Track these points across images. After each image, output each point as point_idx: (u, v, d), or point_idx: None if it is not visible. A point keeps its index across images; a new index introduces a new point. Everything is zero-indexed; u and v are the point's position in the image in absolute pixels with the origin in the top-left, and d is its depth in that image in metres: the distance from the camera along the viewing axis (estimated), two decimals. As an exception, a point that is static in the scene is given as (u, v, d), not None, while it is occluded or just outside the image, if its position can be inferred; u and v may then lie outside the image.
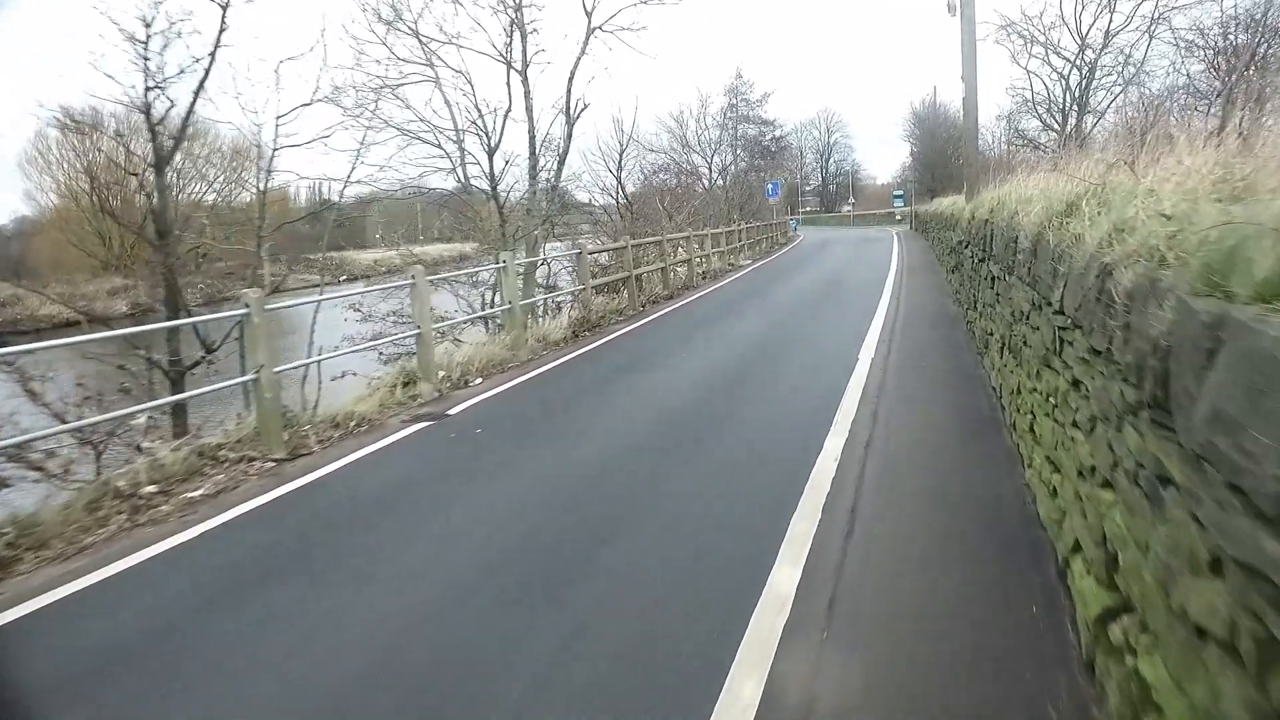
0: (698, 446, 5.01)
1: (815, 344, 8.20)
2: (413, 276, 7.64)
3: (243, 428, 6.06)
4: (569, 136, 12.53)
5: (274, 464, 5.53)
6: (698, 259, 19.35)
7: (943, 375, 6.64)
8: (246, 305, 5.47)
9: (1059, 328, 2.79)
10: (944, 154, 35.85)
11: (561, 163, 12.45)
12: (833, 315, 10.54)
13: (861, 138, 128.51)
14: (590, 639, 2.73)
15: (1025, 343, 3.76)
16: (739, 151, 30.13)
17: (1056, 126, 23.66)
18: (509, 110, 11.58)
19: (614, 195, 18.14)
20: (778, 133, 31.20)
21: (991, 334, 5.46)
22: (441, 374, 8.35)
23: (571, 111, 12.40)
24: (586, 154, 18.98)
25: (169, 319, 10.39)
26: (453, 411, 7.03)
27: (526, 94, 11.62)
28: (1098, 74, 23.24)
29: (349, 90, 11.40)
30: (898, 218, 47.04)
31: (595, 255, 14.81)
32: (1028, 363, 3.65)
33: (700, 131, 29.06)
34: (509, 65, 11.58)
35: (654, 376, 7.64)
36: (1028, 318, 3.62)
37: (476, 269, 11.08)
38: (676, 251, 17.62)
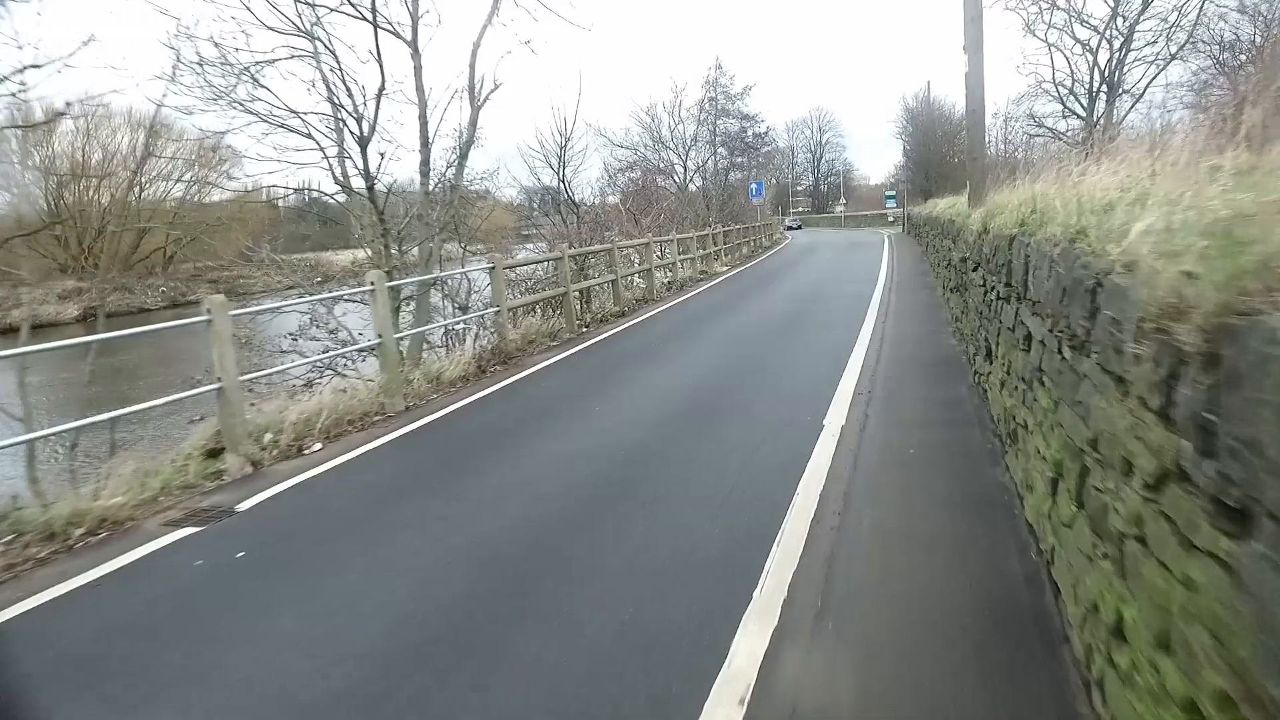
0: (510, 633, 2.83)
1: (764, 410, 5.92)
2: (208, 310, 5.44)
3: None
4: (473, 124, 10.28)
5: None
6: (662, 268, 17.21)
7: (946, 483, 4.28)
8: None
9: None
10: (939, 152, 33.80)
11: (463, 156, 10.18)
12: (799, 353, 8.38)
13: (855, 136, 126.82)
14: None
15: (1133, 522, 1.65)
16: (718, 149, 27.91)
17: (1081, 111, 20.69)
18: (382, 88, 9.28)
19: (557, 197, 15.81)
20: (760, 128, 29.01)
21: (1026, 427, 3.31)
22: (269, 437, 6.18)
23: (476, 92, 10.17)
24: (523, 150, 16.64)
25: None
26: (247, 504, 4.92)
27: (417, 70, 9.35)
28: (1134, 44, 19.42)
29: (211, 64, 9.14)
30: (890, 219, 45.02)
31: (528, 269, 12.64)
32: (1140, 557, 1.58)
33: (674, 125, 26.83)
34: (376, 26, 9.15)
35: (532, 449, 5.47)
36: (1156, 487, 1.50)
37: (334, 294, 8.82)
38: (643, 258, 15.46)
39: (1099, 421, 1.97)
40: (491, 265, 9.13)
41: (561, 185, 15.66)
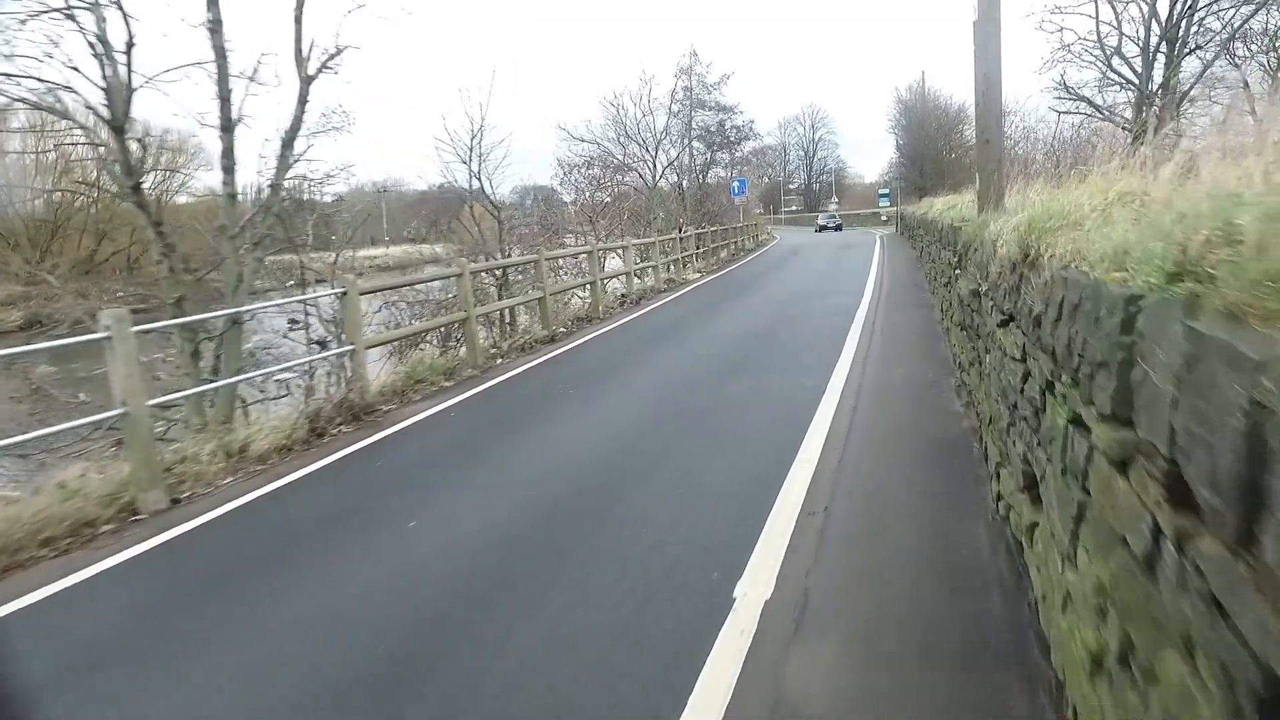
0: None
1: (653, 543, 3.66)
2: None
3: None
4: (303, 101, 7.84)
5: None
6: (613, 279, 14.89)
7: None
8: None
9: None
10: (934, 147, 31.57)
11: (286, 146, 7.74)
12: (741, 419, 6.06)
13: (849, 134, 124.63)
14: None
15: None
16: (693, 143, 25.52)
17: (1133, 76, 15.99)
18: (130, 43, 6.65)
19: (476, 199, 13.32)
20: (738, 120, 26.52)
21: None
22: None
23: (304, 58, 7.72)
24: (438, 144, 14.01)
25: None
26: None
27: (213, 23, 6.84)
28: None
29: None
30: (883, 219, 42.81)
31: (434, 290, 10.29)
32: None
33: (640, 117, 24.32)
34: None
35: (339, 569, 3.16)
36: None
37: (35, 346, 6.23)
38: (589, 269, 13.15)
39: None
40: (343, 290, 6.81)
41: (474, 184, 13.18)
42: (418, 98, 76.34)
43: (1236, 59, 14.26)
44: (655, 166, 24.11)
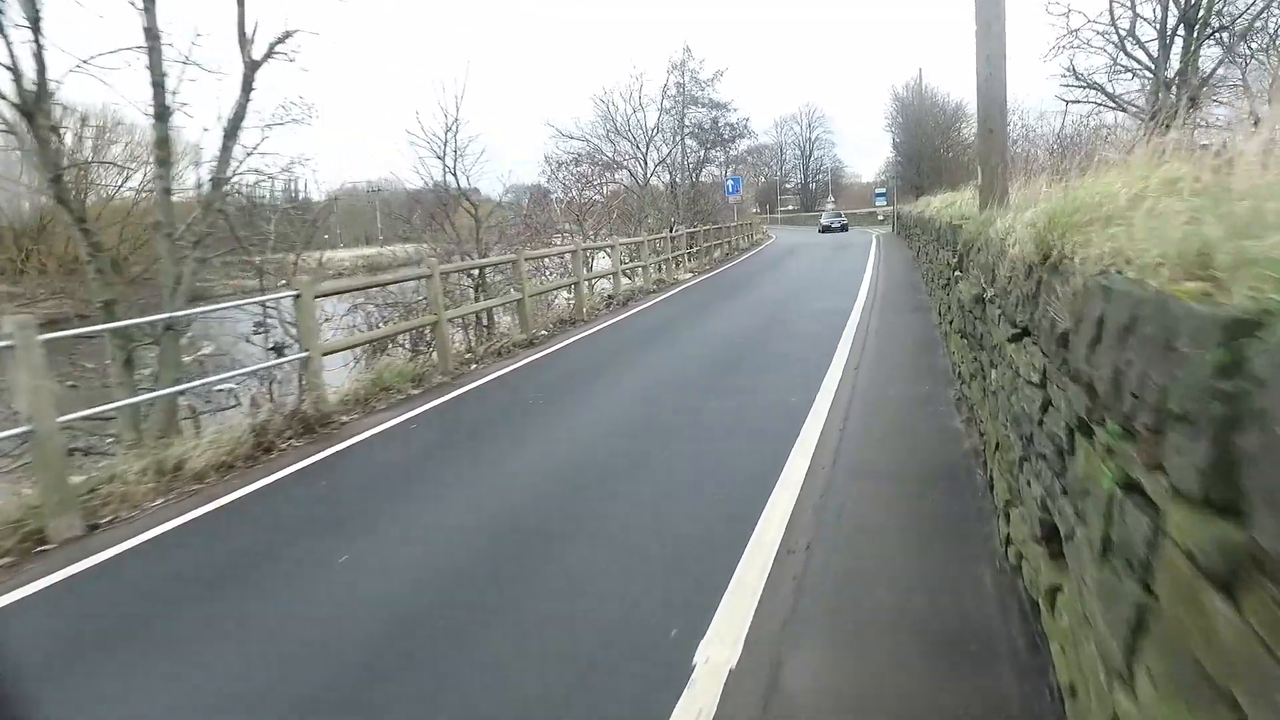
0: None
1: (603, 594, 3.19)
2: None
3: None
4: (247, 87, 7.21)
5: None
6: (602, 280, 14.39)
7: None
8: None
9: None
10: (932, 145, 31.10)
11: (229, 137, 7.16)
12: (730, 428, 5.59)
13: (847, 133, 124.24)
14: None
15: None
16: (686, 140, 24.90)
17: (1148, 61, 14.67)
18: (37, 15, 5.82)
19: (447, 196, 12.74)
20: (732, 117, 25.84)
21: None
22: None
23: (249, 40, 7.15)
24: (411, 139, 13.38)
25: None
26: None
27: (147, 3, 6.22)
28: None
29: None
30: (880, 218, 42.34)
31: (388, 291, 9.76)
32: None
33: (629, 114, 23.68)
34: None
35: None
36: None
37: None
38: (573, 269, 12.63)
39: None
40: (296, 293, 6.29)
41: (449, 179, 12.60)
42: (419, 98, 75.62)
43: (1238, 56, 13.72)
44: (646, 164, 23.56)
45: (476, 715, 2.37)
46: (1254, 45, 13.51)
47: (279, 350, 7.23)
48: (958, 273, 5.17)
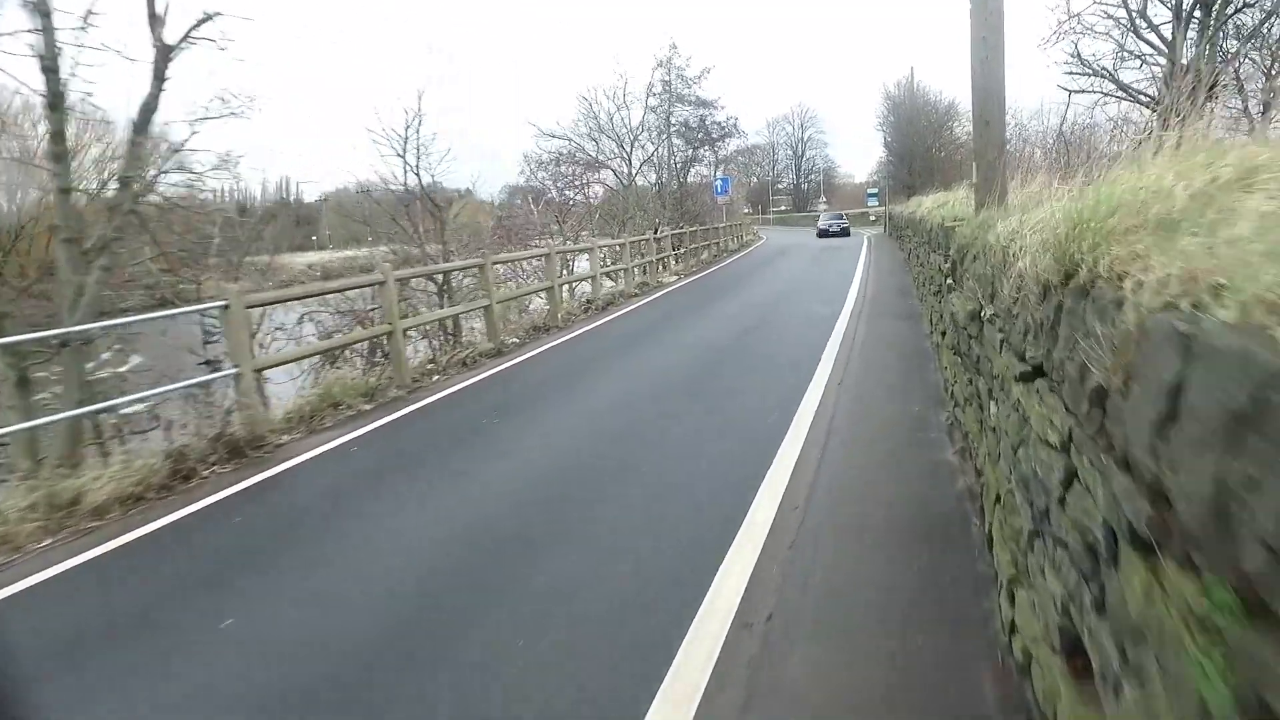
0: None
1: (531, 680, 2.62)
2: None
3: None
4: (159, 77, 6.57)
5: None
6: (582, 283, 13.81)
7: None
8: None
9: None
10: (924, 144, 30.63)
11: (139, 130, 6.53)
12: (694, 458, 5.01)
13: (840, 134, 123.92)
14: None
15: None
16: (673, 139, 24.29)
17: (1160, 44, 13.39)
18: None
19: (411, 196, 12.09)
20: (719, 115, 25.20)
21: None
22: None
23: (159, 20, 6.53)
24: (376, 140, 12.74)
25: None
26: None
27: None
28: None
29: None
30: (872, 218, 41.91)
31: (345, 298, 9.15)
32: None
33: (613, 112, 23.03)
34: None
35: None
36: None
37: None
38: (547, 273, 12.03)
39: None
40: (225, 303, 5.69)
41: (410, 179, 11.95)
42: (419, 98, 74.84)
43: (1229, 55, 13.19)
44: (631, 163, 22.94)
45: None
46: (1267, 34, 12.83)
47: (211, 365, 6.62)
48: (950, 280, 4.61)
